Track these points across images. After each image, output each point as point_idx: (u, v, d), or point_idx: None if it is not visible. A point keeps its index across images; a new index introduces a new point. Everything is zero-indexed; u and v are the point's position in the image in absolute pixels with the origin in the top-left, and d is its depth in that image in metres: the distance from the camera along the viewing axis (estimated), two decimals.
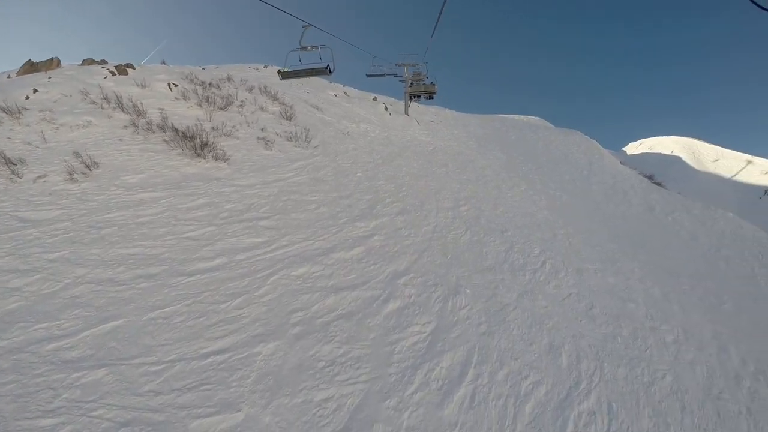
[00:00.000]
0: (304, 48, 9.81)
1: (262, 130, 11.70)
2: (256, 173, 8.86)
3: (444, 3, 7.21)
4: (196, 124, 10.12)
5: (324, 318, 4.93)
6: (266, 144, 10.65)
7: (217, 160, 8.80)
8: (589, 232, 12.04)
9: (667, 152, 72.08)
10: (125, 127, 9.45)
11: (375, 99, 28.47)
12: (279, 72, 10.36)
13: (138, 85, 12.19)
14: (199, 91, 12.81)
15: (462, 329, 5.41)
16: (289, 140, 11.62)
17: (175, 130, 9.38)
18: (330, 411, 3.76)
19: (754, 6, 2.79)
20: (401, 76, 25.46)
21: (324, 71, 9.80)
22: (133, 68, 14.48)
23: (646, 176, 25.62)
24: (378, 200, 9.24)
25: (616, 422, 4.77)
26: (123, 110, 10.16)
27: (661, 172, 40.12)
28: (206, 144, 8.98)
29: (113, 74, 12.94)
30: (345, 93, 28.31)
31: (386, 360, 4.51)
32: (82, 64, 14.70)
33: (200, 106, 11.92)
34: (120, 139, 8.87)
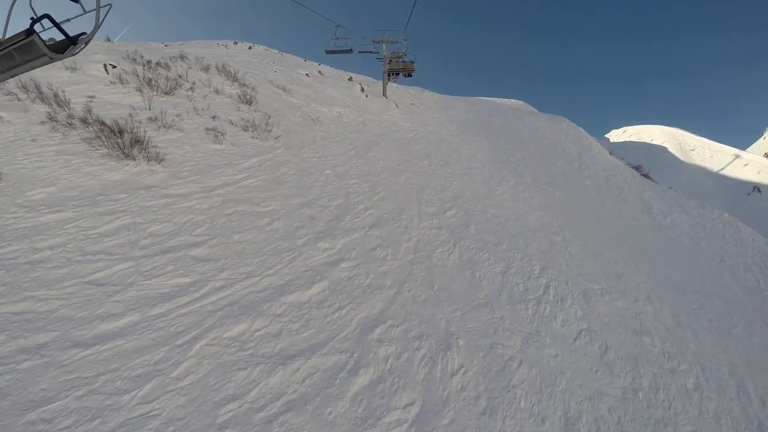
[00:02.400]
0: None
1: (213, 118, 9.95)
2: (197, 176, 7.20)
3: None
4: (130, 115, 8.36)
5: (265, 411, 3.51)
6: (216, 136, 8.93)
7: (149, 161, 7.08)
8: (587, 237, 10.85)
9: (652, 141, 71.01)
10: (42, 123, 7.54)
11: (350, 79, 26.63)
12: None
13: (68, 68, 10.10)
14: (140, 72, 10.85)
15: (456, 409, 4.09)
16: (245, 130, 9.94)
17: (102, 123, 7.58)
18: None
19: None
20: (378, 54, 23.53)
21: (40, 53, 3.40)
22: None
23: (633, 167, 24.75)
24: (348, 207, 7.79)
25: None
26: (43, 101, 8.22)
27: (647, 162, 39.30)
28: (138, 141, 7.25)
29: None
30: (319, 72, 26.38)
31: None
32: None
33: (140, 91, 10.02)
34: (33, 140, 6.99)
